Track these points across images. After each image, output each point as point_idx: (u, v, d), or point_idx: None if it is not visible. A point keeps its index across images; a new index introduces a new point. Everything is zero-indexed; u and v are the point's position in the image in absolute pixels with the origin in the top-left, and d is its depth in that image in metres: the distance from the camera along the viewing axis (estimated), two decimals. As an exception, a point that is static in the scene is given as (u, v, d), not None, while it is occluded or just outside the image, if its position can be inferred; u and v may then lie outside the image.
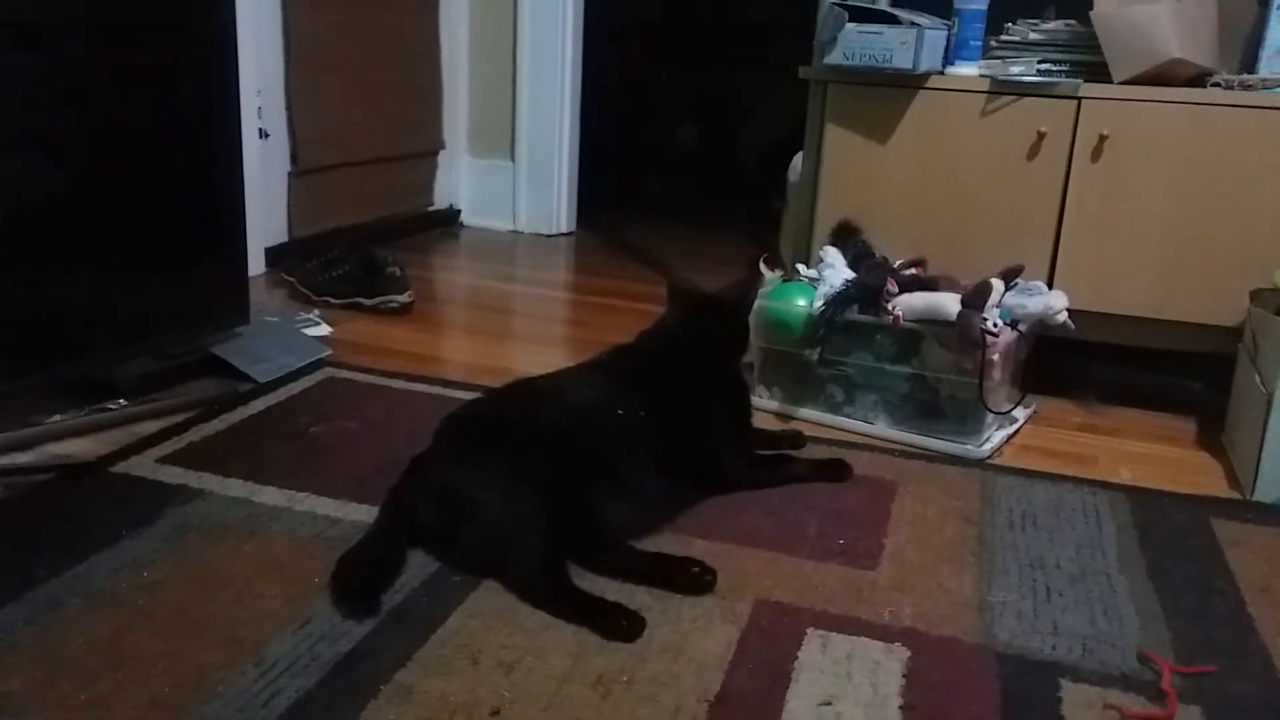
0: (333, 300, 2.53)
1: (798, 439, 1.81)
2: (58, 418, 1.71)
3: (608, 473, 1.40)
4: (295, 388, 1.95)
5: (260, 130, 2.75)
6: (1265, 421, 1.66)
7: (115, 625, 1.18)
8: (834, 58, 2.07)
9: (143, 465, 1.59)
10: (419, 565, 1.33)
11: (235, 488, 1.53)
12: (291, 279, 2.60)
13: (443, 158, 3.60)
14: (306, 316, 2.39)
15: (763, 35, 4.18)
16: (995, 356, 1.77)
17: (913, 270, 1.98)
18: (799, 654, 1.19)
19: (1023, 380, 1.97)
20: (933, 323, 1.81)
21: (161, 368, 1.91)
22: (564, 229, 3.62)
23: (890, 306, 1.84)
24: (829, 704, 1.11)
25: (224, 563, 1.32)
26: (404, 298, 2.53)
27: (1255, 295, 1.90)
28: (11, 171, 1.59)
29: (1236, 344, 1.92)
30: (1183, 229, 1.98)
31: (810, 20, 2.15)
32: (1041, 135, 2.01)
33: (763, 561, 1.40)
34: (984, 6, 2.08)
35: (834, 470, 1.68)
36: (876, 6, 2.14)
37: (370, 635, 1.18)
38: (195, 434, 1.71)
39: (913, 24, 2.01)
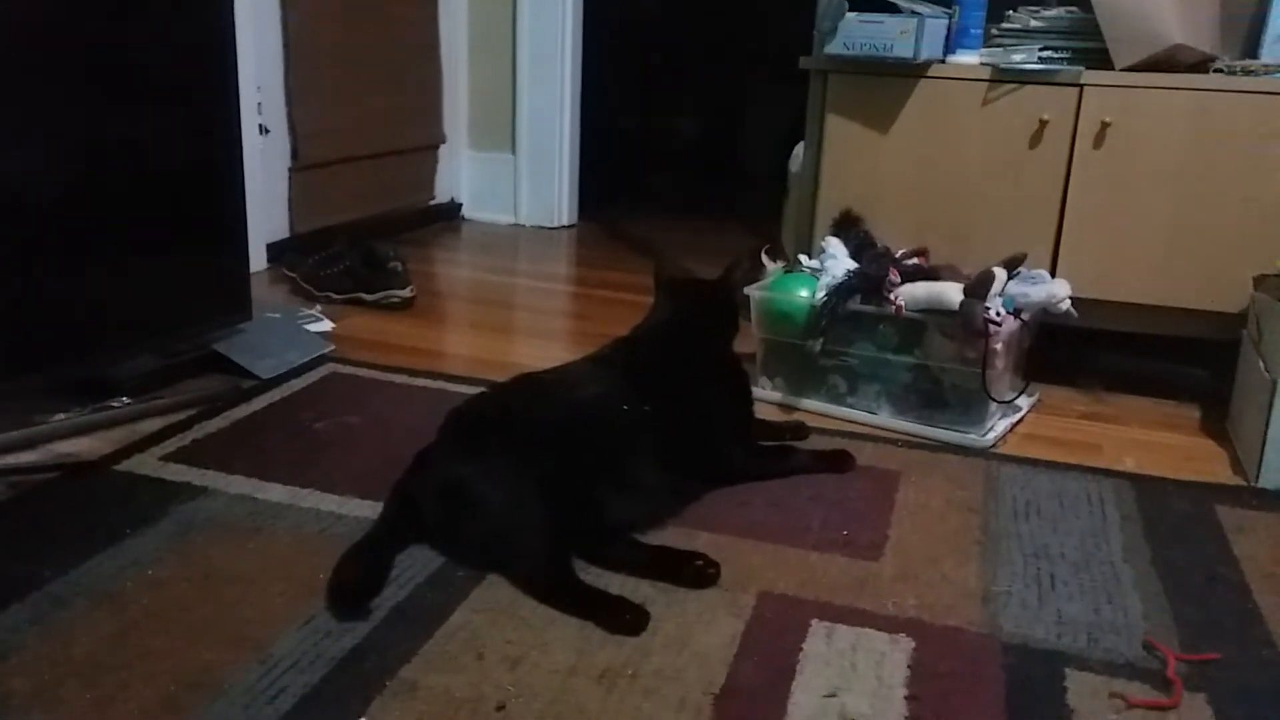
0: (334, 295, 2.53)
1: (800, 430, 1.81)
2: (61, 416, 1.71)
3: (611, 466, 1.40)
4: (298, 384, 1.95)
5: (260, 126, 2.75)
6: (1269, 408, 1.65)
7: (120, 624, 1.18)
8: (834, 47, 2.06)
9: (146, 463, 1.59)
10: (423, 560, 1.33)
11: (239, 485, 1.53)
12: (293, 274, 2.60)
13: (443, 151, 3.59)
14: (308, 312, 2.38)
15: (763, 25, 4.18)
16: (998, 345, 1.77)
17: (915, 260, 1.97)
18: (803, 646, 1.19)
19: (1026, 369, 1.96)
20: (935, 312, 1.81)
21: (164, 365, 1.91)
22: (565, 222, 3.62)
23: (893, 296, 1.83)
24: (834, 695, 1.11)
25: (228, 560, 1.32)
26: (406, 292, 2.53)
27: (1259, 281, 1.90)
28: (12, 169, 1.58)
29: (1240, 330, 1.91)
30: (1185, 216, 1.97)
31: (811, 10, 2.15)
32: (1044, 123, 2.01)
33: (766, 554, 1.40)
34: (985, -6, 2.07)
35: (837, 461, 1.68)
36: (877, -5, 2.13)
37: (375, 631, 1.18)
38: (198, 431, 1.71)
39: (913, 13, 2.00)
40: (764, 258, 2.24)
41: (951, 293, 1.79)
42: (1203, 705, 1.12)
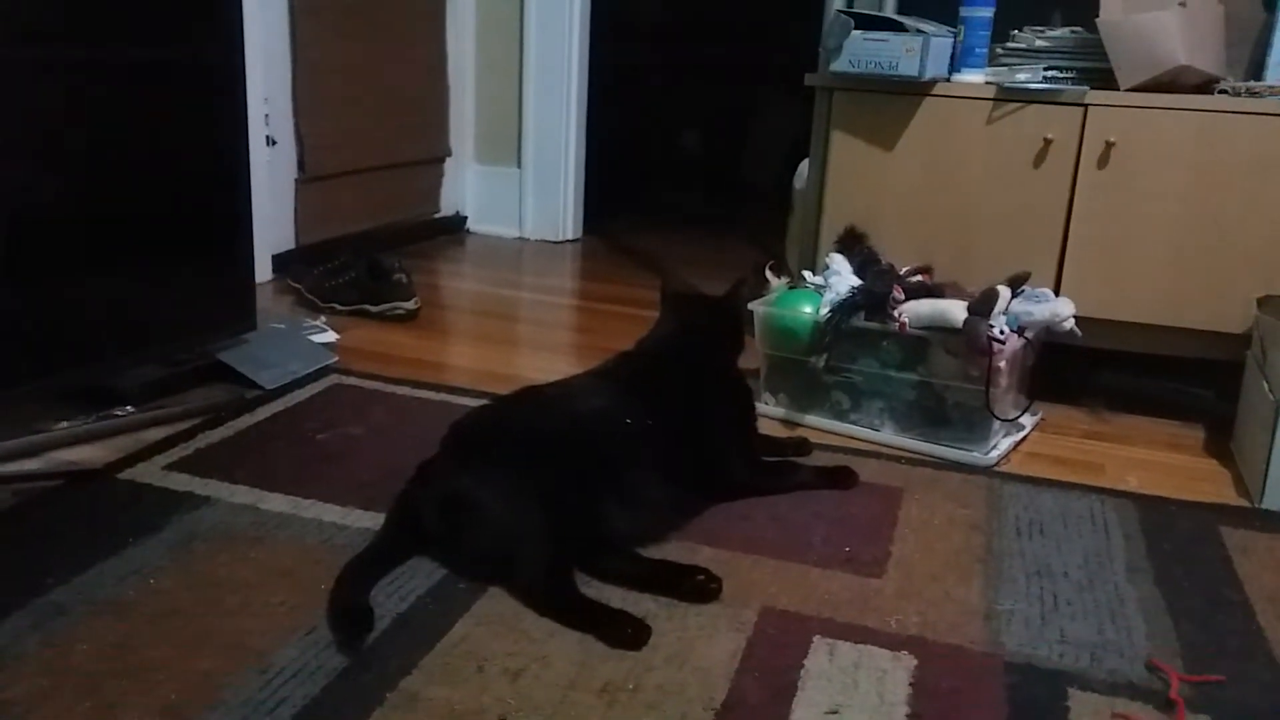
0: (339, 307, 2.53)
1: (804, 446, 1.81)
2: (65, 424, 1.71)
3: (614, 480, 1.40)
4: (301, 394, 1.95)
5: (267, 137, 2.76)
6: (1273, 429, 1.65)
7: (121, 632, 1.18)
8: (840, 65, 2.07)
9: (150, 472, 1.59)
10: (425, 572, 1.33)
11: (242, 494, 1.53)
12: (298, 285, 2.61)
13: (449, 164, 3.60)
14: (313, 323, 2.39)
15: (768, 41, 4.19)
16: (1002, 364, 1.77)
17: (919, 277, 1.97)
18: (805, 662, 1.19)
19: (1029, 387, 1.96)
20: (939, 330, 1.81)
21: (168, 374, 1.91)
22: (570, 236, 3.62)
23: (897, 313, 1.83)
24: (835, 712, 1.11)
25: (230, 570, 1.32)
26: (410, 304, 2.54)
27: (1263, 302, 1.90)
28: (19, 179, 1.59)
29: (1244, 351, 1.91)
30: (1190, 236, 1.97)
31: (817, 28, 2.16)
32: (1048, 142, 2.01)
33: (769, 569, 1.39)
34: (990, 14, 2.08)
35: (840, 477, 1.67)
36: (883, 14, 2.14)
37: (376, 642, 1.18)
38: (202, 441, 1.71)
39: (919, 31, 2.01)
40: (768, 273, 2.25)
41: (955, 310, 1.79)
42: (1206, 726, 1.12)
